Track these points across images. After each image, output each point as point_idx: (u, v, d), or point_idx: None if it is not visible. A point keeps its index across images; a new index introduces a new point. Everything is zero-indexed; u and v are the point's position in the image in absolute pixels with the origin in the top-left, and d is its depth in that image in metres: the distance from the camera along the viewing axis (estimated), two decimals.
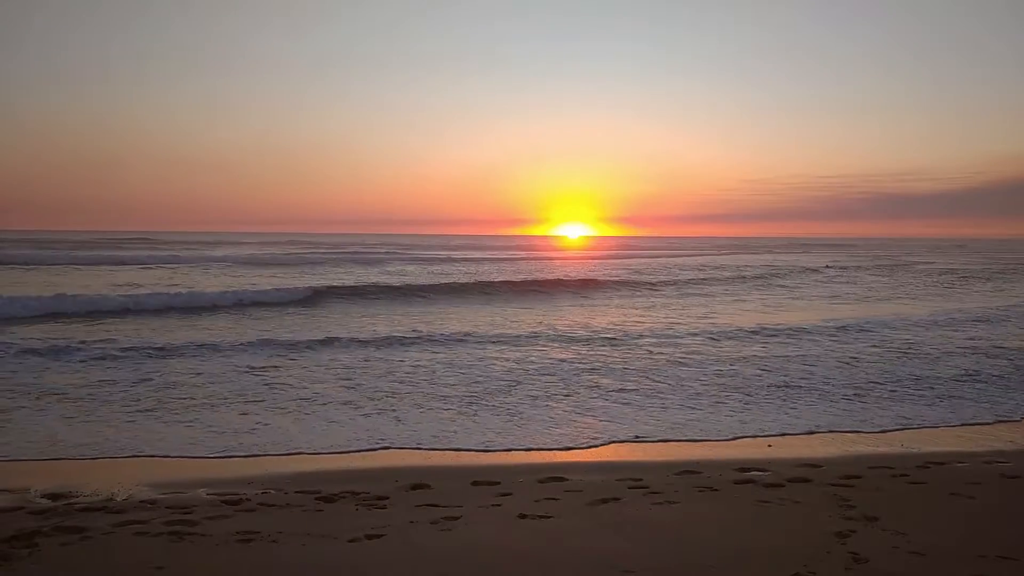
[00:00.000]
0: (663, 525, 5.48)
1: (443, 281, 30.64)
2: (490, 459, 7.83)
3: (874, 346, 15.58)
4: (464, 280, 31.53)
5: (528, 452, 8.16)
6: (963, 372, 12.81)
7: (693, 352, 14.53)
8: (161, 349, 13.63)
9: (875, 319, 20.09)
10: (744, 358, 13.93)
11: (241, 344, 14.33)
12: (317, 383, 11.27)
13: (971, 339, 16.70)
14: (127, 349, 13.52)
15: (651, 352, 14.51)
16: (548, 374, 12.27)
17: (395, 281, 30.39)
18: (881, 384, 11.83)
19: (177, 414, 9.33)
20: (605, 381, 11.78)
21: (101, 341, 14.26)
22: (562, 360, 13.56)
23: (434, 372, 12.26)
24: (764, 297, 28.10)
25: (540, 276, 35.55)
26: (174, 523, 5.45)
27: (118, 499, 6.20)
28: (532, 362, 13.27)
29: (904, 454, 8.10)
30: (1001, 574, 4.58)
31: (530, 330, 17.40)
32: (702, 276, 38.98)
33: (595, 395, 10.87)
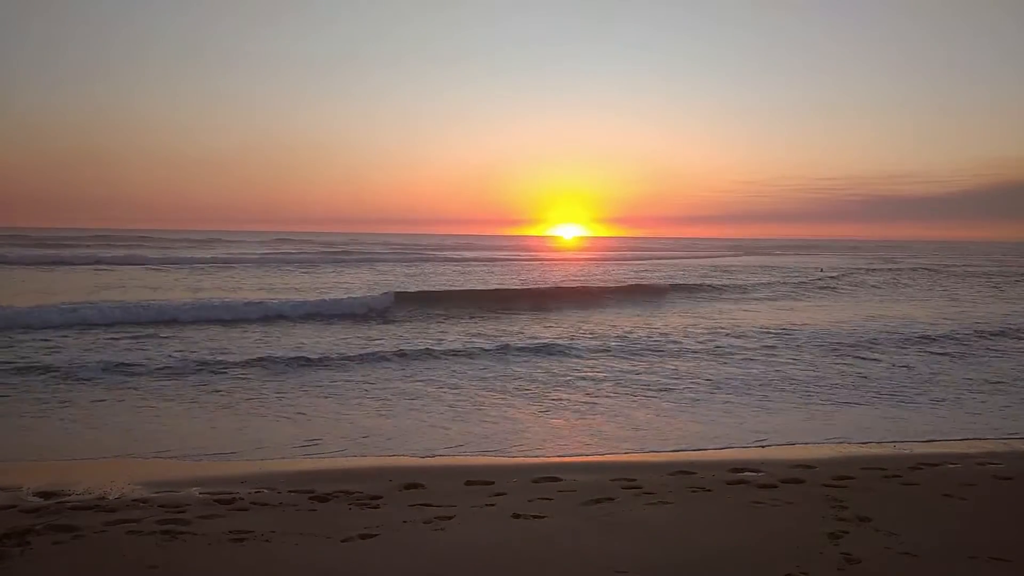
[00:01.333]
0: (656, 525, 5.49)
1: (495, 287, 29.19)
2: (484, 459, 7.82)
3: None
4: (492, 287, 29.49)
5: (522, 452, 8.15)
6: None
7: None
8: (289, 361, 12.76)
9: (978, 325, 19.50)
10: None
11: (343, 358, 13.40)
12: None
13: None
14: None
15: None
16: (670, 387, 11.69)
17: (460, 284, 29.93)
18: None
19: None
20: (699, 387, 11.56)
21: (170, 347, 13.80)
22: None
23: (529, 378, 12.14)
24: (847, 301, 27.07)
25: (598, 282, 33.13)
26: (167, 522, 5.44)
27: (110, 498, 6.18)
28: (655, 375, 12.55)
29: (897, 455, 8.11)
30: (994, 575, 4.60)
31: (645, 336, 16.74)
32: (768, 280, 36.30)
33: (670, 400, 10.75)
